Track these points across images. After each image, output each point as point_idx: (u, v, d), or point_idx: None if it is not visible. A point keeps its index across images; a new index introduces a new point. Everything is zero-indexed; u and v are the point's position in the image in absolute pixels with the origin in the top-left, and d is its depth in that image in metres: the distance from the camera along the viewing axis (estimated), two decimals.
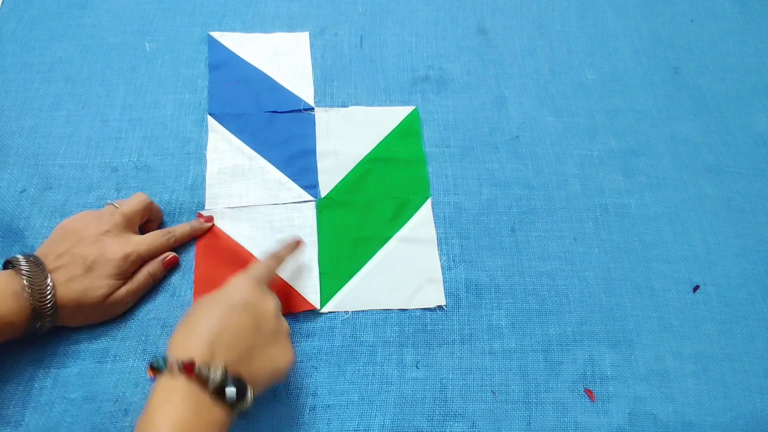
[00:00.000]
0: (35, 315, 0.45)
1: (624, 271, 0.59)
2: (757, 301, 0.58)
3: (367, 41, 0.71)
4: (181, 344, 0.40)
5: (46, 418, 0.47)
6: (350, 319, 0.54)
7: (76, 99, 0.63)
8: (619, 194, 0.63)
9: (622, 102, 0.69)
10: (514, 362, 0.53)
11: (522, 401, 0.52)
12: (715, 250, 0.61)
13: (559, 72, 0.71)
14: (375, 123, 0.65)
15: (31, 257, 0.46)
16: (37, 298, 0.45)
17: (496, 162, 0.64)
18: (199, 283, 0.54)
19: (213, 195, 0.59)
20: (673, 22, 0.77)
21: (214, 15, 0.71)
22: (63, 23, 0.68)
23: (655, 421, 0.51)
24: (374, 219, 0.59)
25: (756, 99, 0.71)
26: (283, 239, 0.54)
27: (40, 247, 0.49)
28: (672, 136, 0.67)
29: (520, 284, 0.57)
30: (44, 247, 0.49)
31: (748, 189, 0.64)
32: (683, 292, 0.58)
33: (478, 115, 0.67)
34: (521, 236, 0.60)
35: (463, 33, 0.73)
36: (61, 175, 0.58)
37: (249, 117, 0.64)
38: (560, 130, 0.66)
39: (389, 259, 0.57)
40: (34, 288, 0.44)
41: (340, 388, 0.51)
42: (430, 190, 0.61)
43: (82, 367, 0.49)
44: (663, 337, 0.55)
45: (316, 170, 0.62)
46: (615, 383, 0.53)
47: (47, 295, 0.45)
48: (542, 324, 0.55)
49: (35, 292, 0.44)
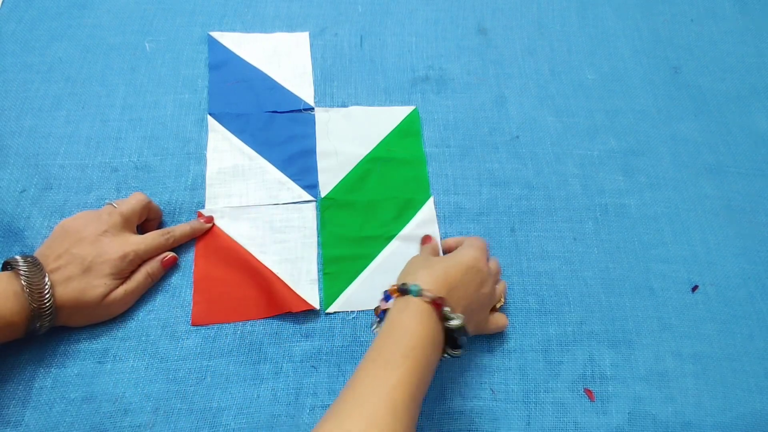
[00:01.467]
0: (34, 315, 0.45)
1: (623, 271, 0.59)
2: (757, 301, 0.58)
3: (367, 41, 0.71)
4: (424, 279, 0.44)
5: (45, 418, 0.47)
6: (350, 319, 0.54)
7: (76, 99, 0.63)
8: (619, 194, 0.63)
9: (622, 102, 0.69)
10: (514, 362, 0.53)
11: (521, 401, 0.52)
12: (715, 250, 0.61)
13: (559, 72, 0.71)
14: (375, 123, 0.65)
15: (29, 258, 0.47)
16: (35, 298, 0.45)
17: (496, 162, 0.64)
18: (198, 282, 0.55)
19: (213, 195, 0.59)
20: (674, 22, 0.77)
21: (214, 15, 0.71)
22: (63, 23, 0.68)
23: (655, 422, 0.51)
24: (376, 219, 0.59)
25: (756, 99, 0.71)
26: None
27: (40, 248, 0.50)
28: (672, 136, 0.67)
29: (520, 284, 0.57)
30: (44, 247, 0.49)
31: (749, 189, 0.64)
32: (683, 292, 0.58)
33: (478, 115, 0.67)
34: (521, 236, 0.60)
35: (463, 33, 0.73)
36: (61, 175, 0.58)
37: (249, 117, 0.64)
38: (560, 130, 0.66)
39: (393, 258, 0.58)
40: (32, 288, 0.45)
41: (339, 388, 0.51)
42: (431, 189, 0.61)
43: (81, 368, 0.49)
44: (662, 337, 0.55)
45: (316, 170, 0.62)
46: (615, 383, 0.53)
47: (45, 296, 0.45)
48: (542, 324, 0.55)
49: (34, 292, 0.45)
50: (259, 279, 0.55)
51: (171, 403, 0.49)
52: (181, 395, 0.49)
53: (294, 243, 0.57)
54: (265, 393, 0.50)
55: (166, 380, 0.50)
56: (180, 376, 0.50)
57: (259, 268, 0.55)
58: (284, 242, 0.57)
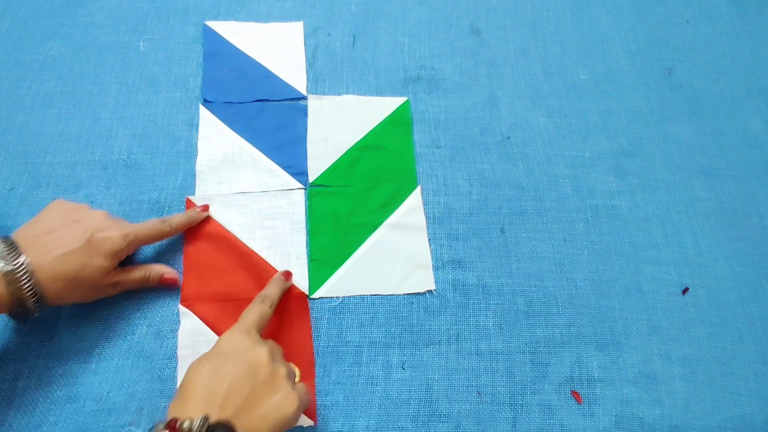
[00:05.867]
0: (17, 300, 0.43)
1: (613, 272, 0.58)
2: (748, 304, 0.58)
3: (359, 41, 0.71)
4: (177, 407, 0.40)
5: (29, 418, 0.47)
6: (336, 319, 0.54)
7: (68, 97, 0.63)
8: (610, 195, 0.63)
9: (615, 103, 0.69)
10: (501, 363, 0.53)
11: (508, 402, 0.51)
12: (706, 252, 0.60)
13: (552, 72, 0.71)
14: (367, 112, 0.66)
15: (6, 239, 0.45)
16: (11, 280, 0.43)
17: (486, 162, 0.63)
18: (188, 267, 0.55)
19: (203, 181, 0.60)
20: (669, 23, 0.77)
21: (207, 14, 0.71)
22: (56, 21, 0.68)
23: (642, 424, 0.51)
24: (364, 206, 0.60)
25: (750, 101, 0.71)
26: (274, 278, 0.54)
27: (30, 222, 0.48)
28: (665, 138, 0.67)
29: (509, 285, 0.57)
30: (36, 222, 0.48)
31: (741, 191, 0.64)
32: (673, 294, 0.58)
33: (469, 115, 0.66)
34: (510, 237, 0.59)
35: (457, 33, 0.73)
36: (50, 173, 0.58)
37: (241, 105, 0.65)
38: (552, 130, 0.66)
39: (379, 245, 0.58)
40: (8, 271, 0.43)
41: (325, 389, 0.51)
42: (417, 181, 0.61)
43: (66, 367, 0.49)
44: (651, 340, 0.55)
45: (305, 157, 0.62)
46: (602, 386, 0.53)
47: (23, 279, 0.43)
48: (530, 325, 0.55)
49: (9, 274, 0.43)
50: (247, 264, 0.55)
51: (155, 402, 0.49)
52: (166, 395, 0.49)
53: (283, 229, 0.58)
54: None
55: (150, 379, 0.50)
56: (165, 375, 0.50)
57: (248, 253, 0.56)
58: (273, 228, 0.58)
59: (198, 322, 0.52)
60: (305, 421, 0.49)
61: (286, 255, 0.57)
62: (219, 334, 0.52)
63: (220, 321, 0.53)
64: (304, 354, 0.52)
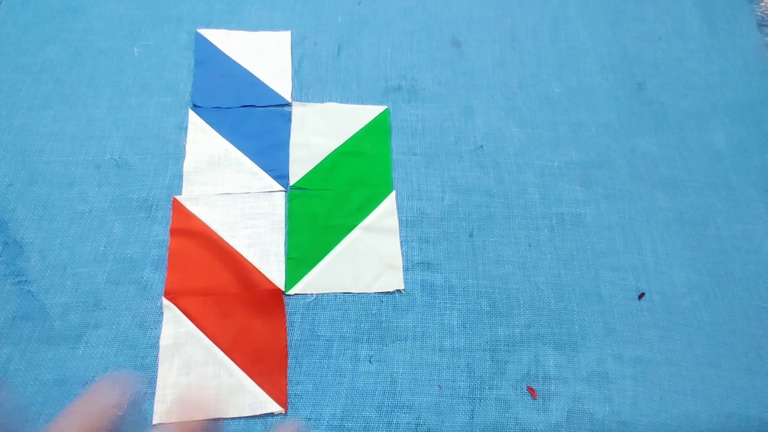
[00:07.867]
0: None
1: (574, 277, 0.62)
2: (699, 310, 0.61)
3: (344, 50, 0.74)
4: None
5: (18, 399, 0.51)
6: (309, 315, 0.57)
7: (64, 99, 0.67)
8: (576, 204, 0.66)
9: (585, 115, 0.72)
10: (462, 359, 0.57)
11: (467, 396, 0.55)
12: (664, 259, 0.64)
13: (527, 84, 0.74)
14: (348, 119, 0.69)
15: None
16: None
17: (459, 170, 0.67)
18: (172, 261, 0.59)
19: (190, 182, 0.63)
20: (642, 39, 0.80)
21: (200, 22, 0.75)
22: (56, 27, 0.72)
23: (592, 420, 0.54)
24: (341, 209, 0.63)
25: (715, 116, 0.74)
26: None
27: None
28: (632, 150, 0.70)
29: (474, 286, 0.60)
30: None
31: (701, 203, 0.67)
32: (629, 299, 0.61)
33: (445, 124, 0.70)
34: (478, 241, 0.63)
35: (438, 45, 0.76)
36: (46, 171, 0.62)
37: (228, 110, 0.68)
38: (524, 140, 0.69)
39: (353, 246, 0.61)
40: None
41: (296, 379, 0.55)
42: (393, 186, 0.65)
43: (55, 352, 0.53)
44: (606, 341, 0.58)
45: (287, 161, 0.66)
46: (557, 383, 0.56)
47: None
48: (492, 325, 0.58)
49: None
50: (229, 261, 0.59)
51: (137, 388, 0.52)
52: (148, 380, 0.53)
53: (263, 229, 0.62)
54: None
55: (133, 366, 0.53)
56: (147, 363, 0.54)
57: (230, 250, 0.60)
58: (254, 227, 0.61)
59: (180, 314, 0.56)
60: (276, 408, 0.53)
61: (266, 253, 0.60)
62: (199, 326, 0.56)
63: (201, 314, 0.56)
64: (278, 346, 0.56)
